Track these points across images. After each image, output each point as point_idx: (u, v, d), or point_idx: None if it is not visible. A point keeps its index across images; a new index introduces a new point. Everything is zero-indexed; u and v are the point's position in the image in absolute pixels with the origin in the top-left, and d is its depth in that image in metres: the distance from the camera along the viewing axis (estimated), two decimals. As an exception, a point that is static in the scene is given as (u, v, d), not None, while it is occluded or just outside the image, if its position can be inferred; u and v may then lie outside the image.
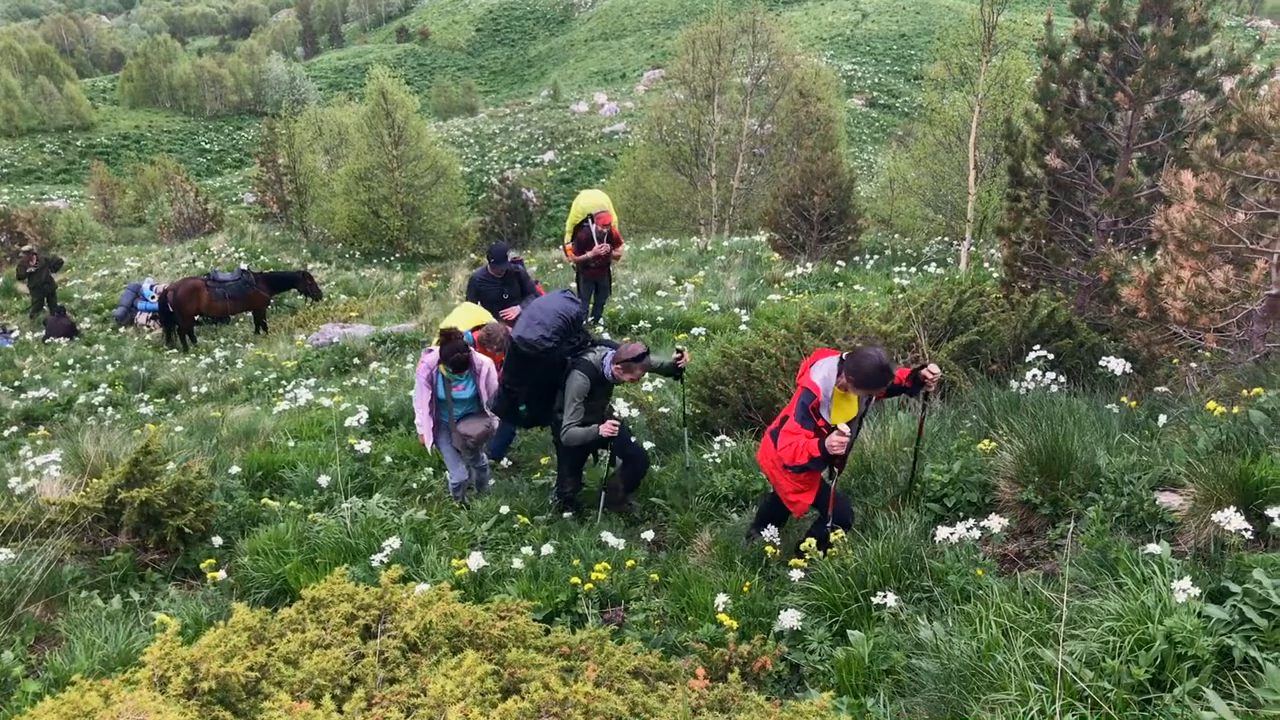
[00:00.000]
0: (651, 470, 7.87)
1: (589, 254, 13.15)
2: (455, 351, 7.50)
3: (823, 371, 5.50)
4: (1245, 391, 5.93)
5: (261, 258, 30.61)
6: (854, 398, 5.61)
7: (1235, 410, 5.52)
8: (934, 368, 5.62)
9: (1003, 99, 25.61)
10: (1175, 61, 9.54)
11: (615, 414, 7.34)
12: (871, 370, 5.33)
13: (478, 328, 8.82)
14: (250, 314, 20.97)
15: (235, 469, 8.43)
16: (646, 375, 8.79)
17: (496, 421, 8.05)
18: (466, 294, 11.64)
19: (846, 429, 5.26)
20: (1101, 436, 5.94)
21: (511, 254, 11.75)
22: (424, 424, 7.77)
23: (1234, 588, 3.70)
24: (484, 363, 7.91)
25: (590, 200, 13.28)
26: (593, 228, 13.05)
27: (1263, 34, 10.63)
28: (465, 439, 7.84)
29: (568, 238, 13.48)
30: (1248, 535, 4.02)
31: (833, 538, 5.36)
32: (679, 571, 5.91)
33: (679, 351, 7.40)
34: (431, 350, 7.77)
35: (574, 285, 14.13)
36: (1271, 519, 4.01)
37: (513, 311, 10.96)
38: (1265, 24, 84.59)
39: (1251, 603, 3.59)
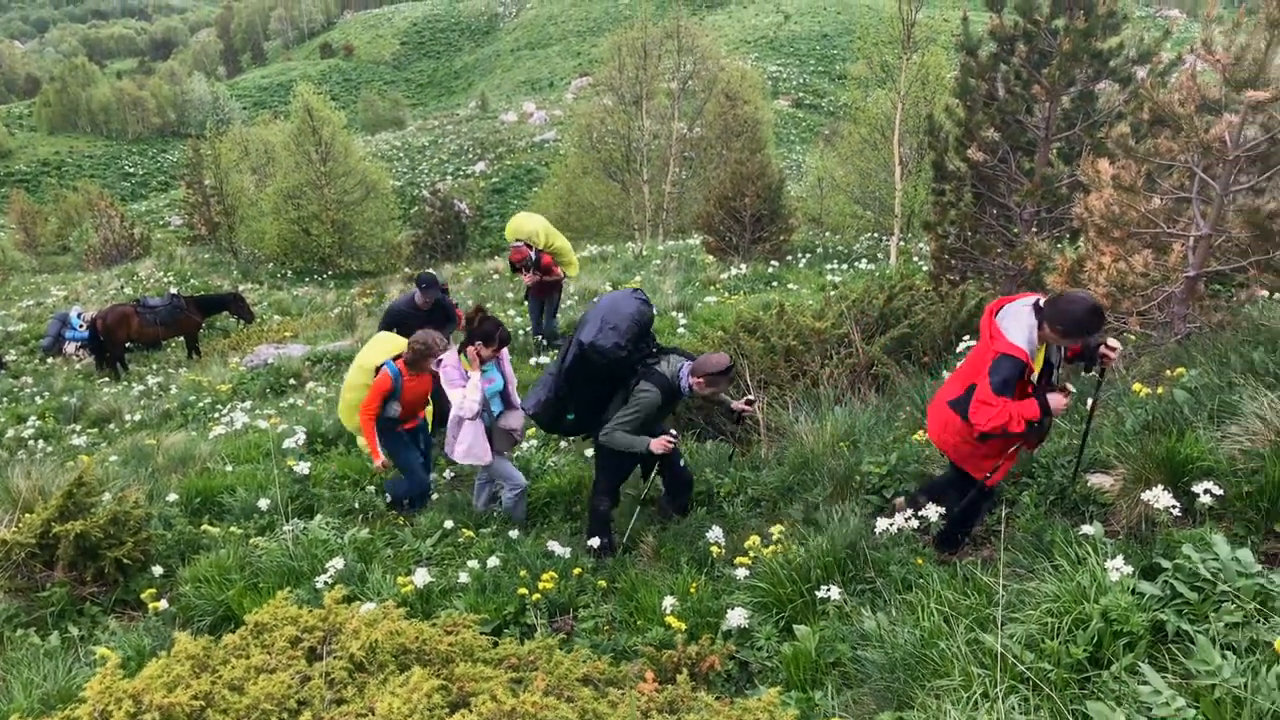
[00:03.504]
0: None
1: (522, 276, 12.97)
2: (497, 326, 6.90)
3: (1023, 331, 4.66)
4: (1169, 371, 6.10)
5: (191, 281, 30.10)
6: (1043, 348, 4.85)
7: (1160, 391, 5.68)
8: (1114, 342, 4.83)
9: (924, 95, 26.10)
10: (1088, 53, 9.78)
11: (672, 431, 6.56)
12: (1084, 315, 4.52)
13: (399, 356, 7.71)
14: (182, 339, 20.61)
15: (173, 496, 8.27)
16: None
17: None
18: (381, 323, 10.26)
19: (1071, 388, 4.92)
20: (1033, 422, 6.05)
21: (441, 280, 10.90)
22: (480, 438, 7.10)
23: (1165, 564, 3.80)
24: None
25: (513, 226, 12.88)
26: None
27: (1171, 23, 10.91)
28: (512, 434, 7.37)
29: None
30: (1176, 512, 4.14)
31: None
32: (626, 576, 5.91)
33: (750, 401, 6.57)
34: (442, 358, 7.12)
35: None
36: (1198, 495, 4.14)
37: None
38: (1174, 13, 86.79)
39: (1182, 577, 3.69)
